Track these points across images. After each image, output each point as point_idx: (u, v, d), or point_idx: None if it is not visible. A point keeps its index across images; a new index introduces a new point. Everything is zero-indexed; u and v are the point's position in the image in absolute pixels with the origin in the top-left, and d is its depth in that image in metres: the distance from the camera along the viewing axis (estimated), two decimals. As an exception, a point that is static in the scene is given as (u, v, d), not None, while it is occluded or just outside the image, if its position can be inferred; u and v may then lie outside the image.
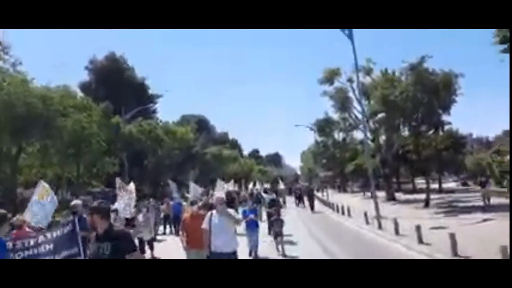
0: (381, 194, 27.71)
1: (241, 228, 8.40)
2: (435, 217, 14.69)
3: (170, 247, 11.47)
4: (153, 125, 34.07)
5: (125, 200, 10.45)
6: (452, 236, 7.65)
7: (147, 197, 25.67)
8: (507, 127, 29.38)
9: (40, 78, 20.74)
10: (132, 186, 11.34)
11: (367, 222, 14.34)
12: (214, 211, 5.88)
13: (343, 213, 18.86)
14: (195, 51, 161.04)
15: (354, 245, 10.56)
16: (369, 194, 35.12)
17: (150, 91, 49.01)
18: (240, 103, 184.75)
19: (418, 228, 9.48)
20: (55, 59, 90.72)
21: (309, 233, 13.93)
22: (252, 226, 9.58)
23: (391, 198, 25.48)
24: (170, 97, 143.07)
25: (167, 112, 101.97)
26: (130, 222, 9.83)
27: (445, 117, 17.75)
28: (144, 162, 35.94)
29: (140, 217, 11.11)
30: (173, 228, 15.53)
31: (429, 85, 16.87)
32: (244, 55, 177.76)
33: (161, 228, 16.64)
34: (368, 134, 25.93)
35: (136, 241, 9.06)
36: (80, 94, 28.64)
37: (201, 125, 66.63)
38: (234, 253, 5.69)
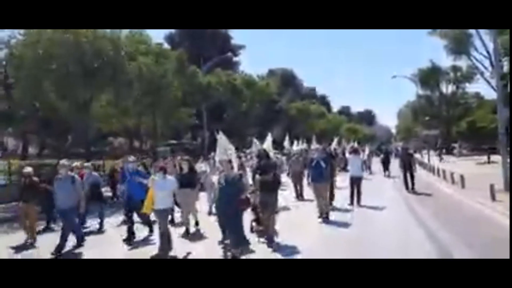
0: (498, 158, 21.52)
1: None
2: None
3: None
4: (231, 76, 32.03)
5: None
6: None
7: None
8: None
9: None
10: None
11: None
12: None
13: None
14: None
15: None
16: (484, 158, 28.63)
17: (233, 42, 47.00)
18: (328, 50, 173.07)
19: None
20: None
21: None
22: None
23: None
24: (257, 50, 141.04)
25: (254, 65, 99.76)
26: None
27: None
28: (224, 115, 34.65)
29: None
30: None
31: None
32: None
33: None
34: (493, 83, 19.99)
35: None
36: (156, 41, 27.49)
37: (287, 79, 63.33)
38: None
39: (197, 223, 8.69)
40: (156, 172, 7.10)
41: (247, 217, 6.72)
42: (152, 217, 7.60)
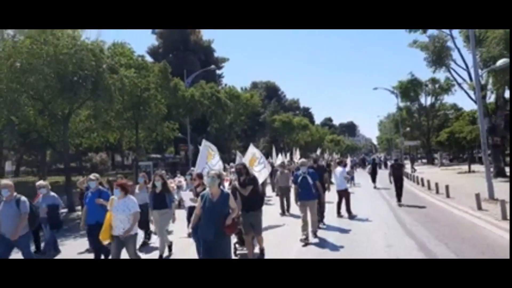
0: (480, 168, 21.98)
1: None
2: None
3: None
4: (215, 88, 31.89)
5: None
6: None
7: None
8: None
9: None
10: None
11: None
12: None
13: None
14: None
15: None
16: (464, 168, 29.28)
17: (216, 54, 47.04)
18: (311, 61, 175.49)
19: None
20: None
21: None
22: None
23: (500, 174, 20.13)
24: (240, 63, 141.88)
25: (237, 78, 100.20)
26: None
27: None
28: (208, 128, 34.36)
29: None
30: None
31: None
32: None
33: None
34: (471, 94, 20.54)
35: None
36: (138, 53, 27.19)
37: (271, 91, 63.83)
38: None
39: (169, 248, 7.68)
40: (115, 190, 5.86)
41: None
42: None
